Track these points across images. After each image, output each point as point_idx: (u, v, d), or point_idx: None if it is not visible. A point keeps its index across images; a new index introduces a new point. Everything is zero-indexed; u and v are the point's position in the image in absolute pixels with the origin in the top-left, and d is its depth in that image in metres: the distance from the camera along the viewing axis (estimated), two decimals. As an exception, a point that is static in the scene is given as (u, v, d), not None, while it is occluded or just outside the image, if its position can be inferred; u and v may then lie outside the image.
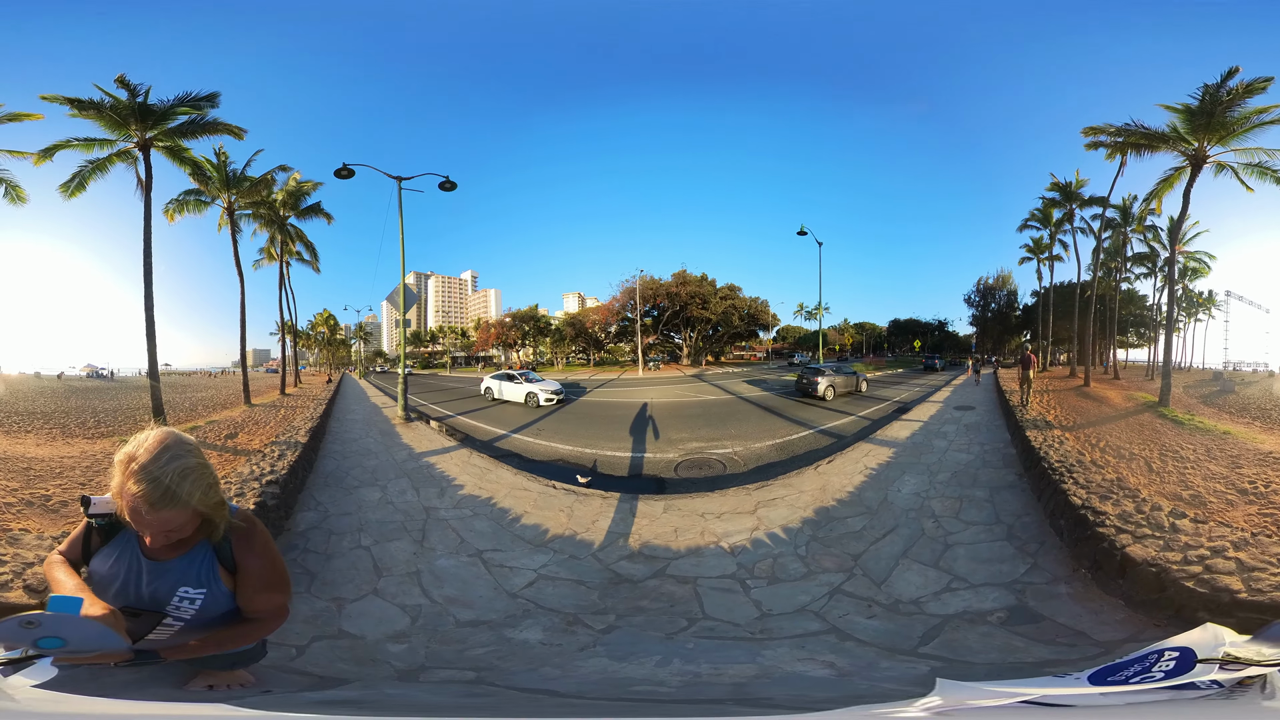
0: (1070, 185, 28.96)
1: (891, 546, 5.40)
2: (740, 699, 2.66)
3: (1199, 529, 4.60)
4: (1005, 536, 5.47)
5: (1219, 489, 6.53)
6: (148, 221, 14.40)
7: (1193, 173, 16.03)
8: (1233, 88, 14.16)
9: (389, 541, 5.81)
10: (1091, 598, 4.13)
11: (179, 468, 1.59)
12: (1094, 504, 5.13)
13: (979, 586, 4.49)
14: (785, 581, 4.82)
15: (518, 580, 4.99)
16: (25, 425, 12.64)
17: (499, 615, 4.38)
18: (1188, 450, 8.85)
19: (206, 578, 1.76)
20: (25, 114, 13.82)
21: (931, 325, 71.74)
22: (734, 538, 5.77)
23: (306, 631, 3.96)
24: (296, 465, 7.72)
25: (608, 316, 59.95)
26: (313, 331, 65.74)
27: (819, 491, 7.17)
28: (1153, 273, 31.02)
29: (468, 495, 7.44)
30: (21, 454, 8.91)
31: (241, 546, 1.79)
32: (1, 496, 6.36)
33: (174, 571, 1.74)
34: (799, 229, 27.05)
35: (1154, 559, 3.94)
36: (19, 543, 4.58)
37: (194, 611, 1.74)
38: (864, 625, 4.03)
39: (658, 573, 5.08)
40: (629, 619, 4.27)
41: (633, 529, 6.16)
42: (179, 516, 1.61)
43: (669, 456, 10.27)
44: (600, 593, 4.74)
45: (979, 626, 3.89)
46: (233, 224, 20.36)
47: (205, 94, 14.74)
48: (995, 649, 3.58)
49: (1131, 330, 39.26)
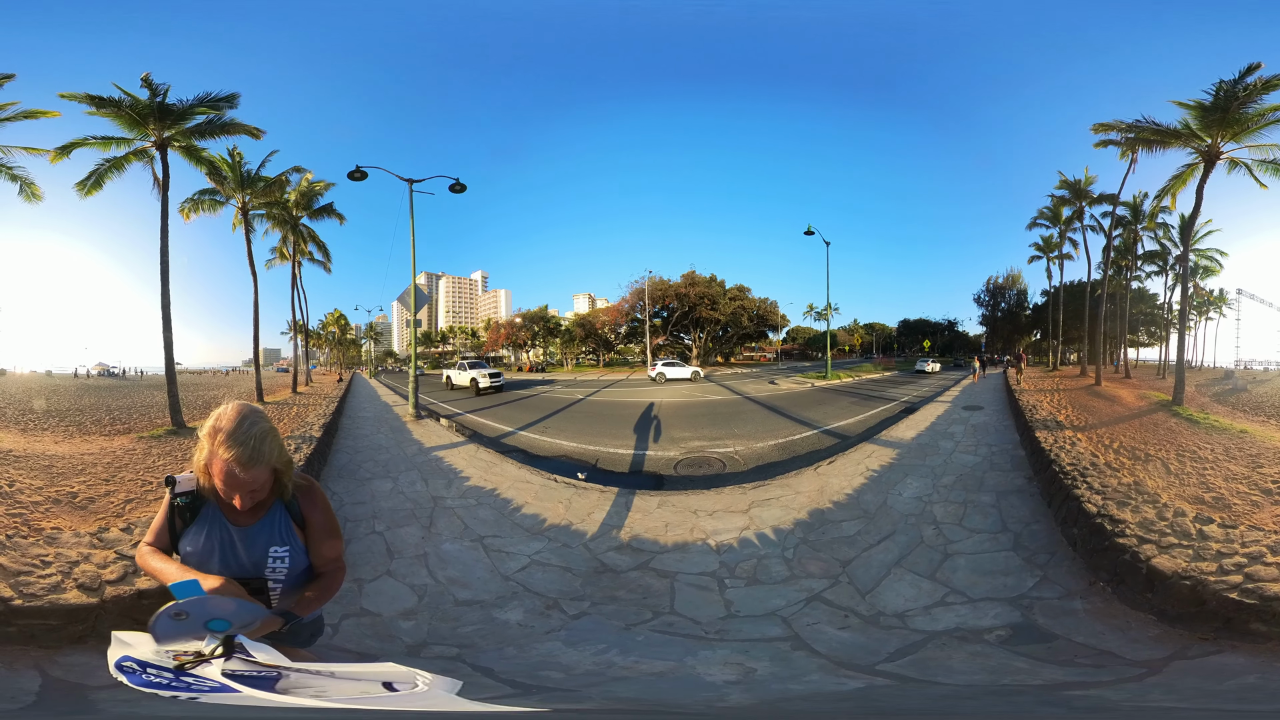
0: (1080, 183, 28.71)
1: (885, 554, 5.20)
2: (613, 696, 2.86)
3: (1229, 534, 4.39)
4: (1011, 546, 5.20)
5: (1242, 490, 6.28)
6: (164, 221, 14.42)
7: (1206, 169, 15.77)
8: (1250, 84, 13.92)
9: (400, 527, 6.12)
10: (1115, 614, 3.84)
11: (259, 430, 1.79)
12: (1111, 511, 4.89)
13: (978, 601, 4.24)
14: (764, 584, 4.74)
15: (512, 564, 5.20)
16: (41, 423, 12.69)
17: (492, 596, 4.60)
18: (1205, 450, 8.65)
19: (287, 534, 1.95)
20: (42, 111, 13.73)
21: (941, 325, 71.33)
22: (722, 535, 5.75)
23: (336, 610, 4.16)
24: (312, 458, 7.90)
25: (617, 317, 60.07)
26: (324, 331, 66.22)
27: (816, 493, 7.02)
28: (1163, 271, 30.66)
29: (473, 486, 7.65)
30: (41, 451, 8.88)
31: (307, 501, 2.02)
32: (29, 495, 6.22)
33: (262, 533, 1.92)
34: (806, 229, 27.06)
35: (1186, 571, 3.72)
36: (58, 541, 4.49)
37: (285, 570, 1.93)
38: (829, 636, 3.84)
39: (641, 565, 5.15)
40: (601, 607, 4.39)
41: (625, 522, 6.25)
42: (264, 474, 1.82)
43: (670, 454, 10.26)
44: (584, 580, 4.88)
45: (970, 645, 3.64)
46: (246, 224, 20.49)
47: (225, 95, 14.76)
48: (984, 670, 3.35)
49: (1142, 329, 38.89)
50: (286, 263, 27.64)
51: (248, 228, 20.49)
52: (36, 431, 11.37)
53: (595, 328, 63.53)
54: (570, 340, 66.66)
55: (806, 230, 27.28)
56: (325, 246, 28.70)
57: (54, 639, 3.38)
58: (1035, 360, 46.94)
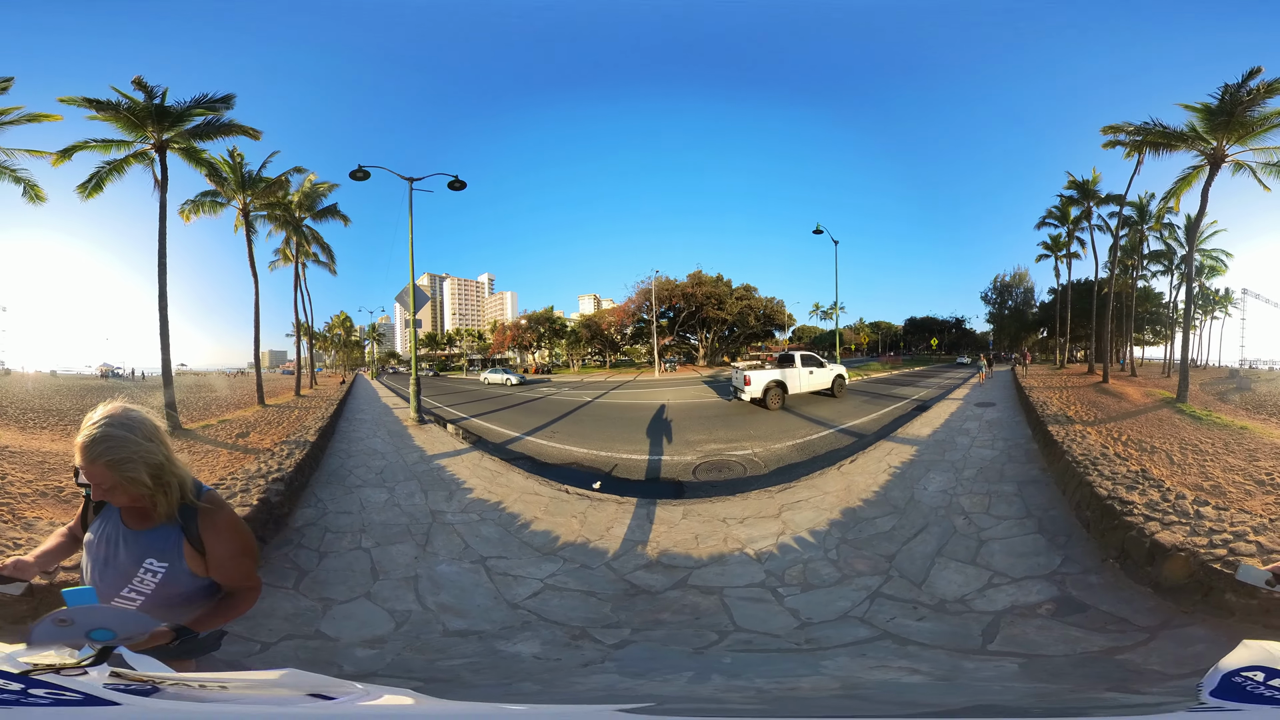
0: (1087, 183, 28.98)
1: (924, 545, 5.35)
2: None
3: (1221, 515, 4.85)
4: (1037, 529, 5.51)
5: (1238, 480, 6.78)
6: (163, 222, 14.59)
7: (1211, 171, 16.11)
8: (1254, 88, 14.26)
9: (391, 544, 5.69)
10: (1122, 586, 4.27)
11: (105, 433, 1.72)
12: (1120, 494, 5.35)
13: (1020, 580, 4.51)
14: (820, 588, 4.68)
15: (521, 590, 4.78)
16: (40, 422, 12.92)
17: (494, 626, 4.16)
18: (1207, 444, 9.07)
19: (172, 553, 1.86)
20: (45, 115, 14.00)
21: (949, 323, 71.47)
22: (760, 543, 5.61)
23: (281, 629, 3.92)
24: (303, 463, 7.72)
25: (623, 318, 60.14)
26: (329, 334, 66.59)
27: (844, 492, 7.09)
28: (1169, 270, 30.96)
29: (476, 499, 7.22)
30: (37, 448, 9.17)
31: (206, 525, 1.89)
32: (18, 488, 6.59)
33: (144, 541, 1.86)
34: (815, 227, 27.33)
35: (1182, 544, 4.18)
36: (33, 528, 5.02)
37: (154, 585, 1.83)
38: (916, 628, 3.93)
39: (679, 583, 4.86)
40: (646, 632, 4.04)
41: (650, 536, 5.94)
42: (102, 473, 1.72)
43: (687, 459, 10.16)
44: (614, 605, 4.52)
45: (1032, 620, 3.90)
46: (247, 225, 20.48)
47: (221, 96, 14.85)
48: (1057, 641, 3.60)
49: (1147, 328, 39.08)
50: (290, 264, 27.39)
51: (248, 229, 20.51)
52: (35, 430, 11.60)
53: (601, 329, 63.68)
54: (576, 342, 66.86)
55: (815, 229, 27.46)
56: (329, 248, 28.42)
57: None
58: (1042, 358, 47.19)
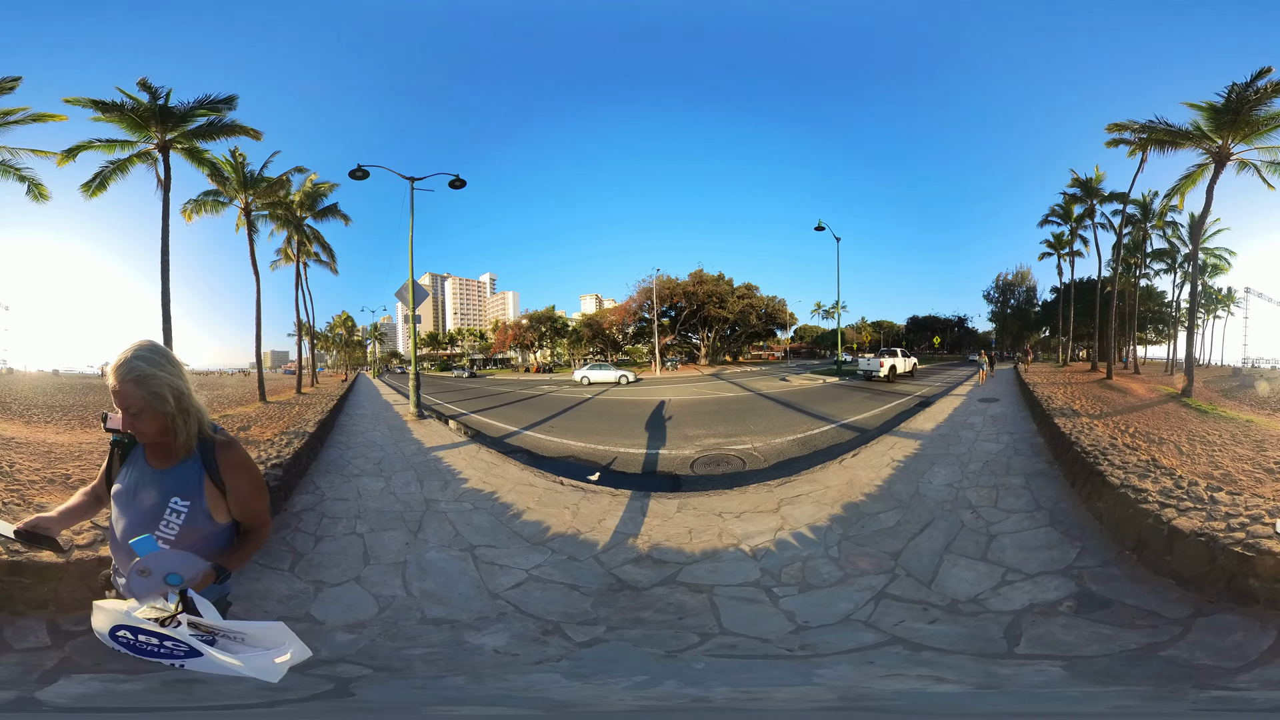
0: (1091, 181, 28.99)
1: (931, 541, 5.13)
2: None
3: (1235, 500, 4.78)
4: (1049, 522, 5.32)
5: (1247, 469, 6.76)
6: (165, 222, 14.84)
7: (1216, 170, 16.13)
8: (1261, 87, 14.27)
9: (384, 530, 5.74)
10: (1143, 578, 4.11)
11: (146, 355, 1.84)
12: (1134, 483, 5.25)
13: (1036, 576, 4.29)
14: (820, 588, 4.42)
15: (505, 580, 4.68)
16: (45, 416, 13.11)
17: (470, 615, 4.09)
18: (1214, 436, 9.09)
19: (194, 489, 1.93)
20: (50, 115, 14.19)
21: (951, 321, 71.41)
22: (756, 539, 5.40)
23: (275, 611, 3.89)
24: (302, 452, 7.87)
25: (625, 317, 60.22)
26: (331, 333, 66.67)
27: (846, 486, 6.91)
28: (1172, 269, 31.05)
29: (470, 489, 7.21)
30: (43, 440, 9.37)
31: (224, 460, 1.98)
32: (26, 475, 6.74)
33: (169, 481, 1.93)
34: (817, 224, 27.38)
35: (1201, 529, 4.11)
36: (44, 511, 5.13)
37: (179, 526, 1.90)
38: (928, 631, 3.64)
39: (667, 579, 4.66)
40: (622, 632, 3.82)
41: (642, 529, 5.79)
42: (134, 392, 1.81)
43: (685, 453, 10.03)
44: (595, 600, 4.34)
45: (1055, 619, 3.67)
46: (249, 225, 20.64)
47: (223, 97, 15.07)
48: (1089, 640, 3.38)
49: (1150, 327, 39.04)
50: (291, 264, 27.51)
51: (250, 229, 20.68)
52: (40, 424, 11.79)
53: (603, 328, 63.84)
54: (577, 341, 67.01)
55: (817, 226, 27.52)
56: (330, 248, 28.46)
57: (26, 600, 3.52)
58: (1045, 357, 47.17)
